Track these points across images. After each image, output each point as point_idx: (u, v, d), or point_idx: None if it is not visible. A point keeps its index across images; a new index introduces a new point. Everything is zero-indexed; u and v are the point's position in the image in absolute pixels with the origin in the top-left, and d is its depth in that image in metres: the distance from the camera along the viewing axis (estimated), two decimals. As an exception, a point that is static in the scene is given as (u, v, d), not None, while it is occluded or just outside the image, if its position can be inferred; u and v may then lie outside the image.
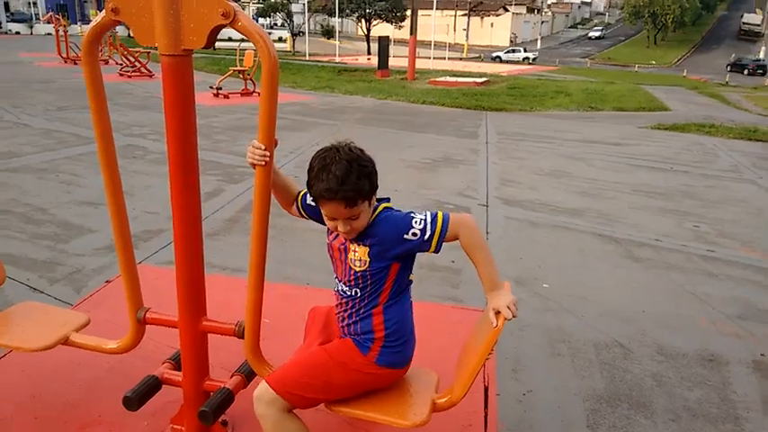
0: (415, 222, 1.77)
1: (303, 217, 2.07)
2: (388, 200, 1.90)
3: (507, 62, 47.01)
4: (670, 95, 20.34)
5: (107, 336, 2.39)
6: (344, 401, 1.91)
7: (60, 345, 2.33)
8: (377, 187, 1.81)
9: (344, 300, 1.93)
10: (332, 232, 1.93)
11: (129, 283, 2.23)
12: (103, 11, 1.85)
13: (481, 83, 20.52)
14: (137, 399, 2.16)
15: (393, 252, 1.80)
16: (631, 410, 2.62)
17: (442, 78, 21.19)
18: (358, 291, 1.88)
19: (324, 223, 1.91)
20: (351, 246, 1.85)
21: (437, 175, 6.99)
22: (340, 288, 1.94)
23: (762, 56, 56.85)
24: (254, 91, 13.44)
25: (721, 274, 4.33)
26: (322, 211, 1.82)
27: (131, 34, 1.98)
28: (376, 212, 1.85)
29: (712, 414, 2.63)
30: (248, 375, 2.28)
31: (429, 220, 1.77)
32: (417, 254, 1.84)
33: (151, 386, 2.22)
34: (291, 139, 8.63)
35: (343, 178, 1.70)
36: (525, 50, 52.84)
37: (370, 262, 1.82)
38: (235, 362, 2.35)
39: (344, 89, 16.66)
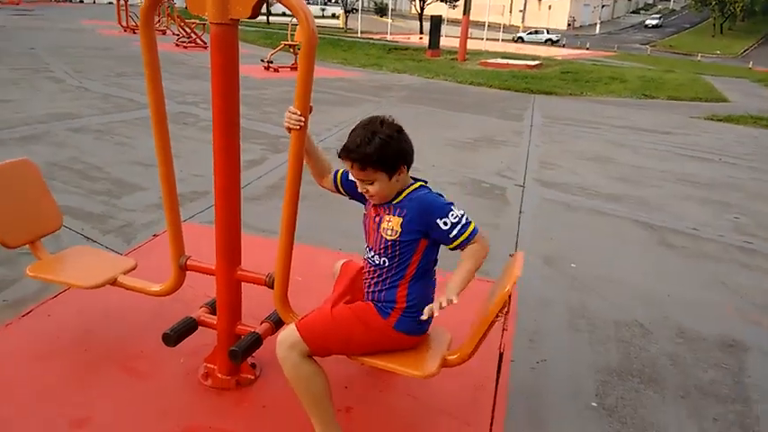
0: (452, 215, 1.90)
1: (339, 192, 2.23)
2: (425, 181, 2.04)
3: (529, 43, 45.55)
4: (731, 86, 19.56)
5: (151, 282, 2.61)
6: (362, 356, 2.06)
7: (109, 286, 2.57)
8: (401, 163, 1.93)
9: (373, 268, 2.06)
10: (368, 203, 2.08)
11: (173, 232, 2.43)
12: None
13: (533, 66, 20.19)
14: (175, 336, 2.37)
15: (423, 229, 1.94)
16: (642, 385, 2.70)
17: (494, 60, 20.94)
18: (386, 260, 2.00)
19: (359, 200, 2.09)
20: (386, 216, 1.99)
21: (477, 155, 7.04)
22: (370, 256, 2.07)
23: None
24: (303, 65, 13.63)
25: (756, 266, 4.29)
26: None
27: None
28: (411, 188, 1.99)
29: (723, 394, 2.68)
30: (276, 324, 2.46)
31: (463, 222, 1.91)
32: None
33: (188, 326, 2.43)
34: (336, 113, 8.80)
35: (360, 143, 1.87)
36: (548, 32, 50.97)
37: (401, 233, 1.95)
38: (264, 312, 2.52)
39: (393, 67, 16.71)
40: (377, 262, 2.04)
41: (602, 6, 78.11)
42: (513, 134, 8.54)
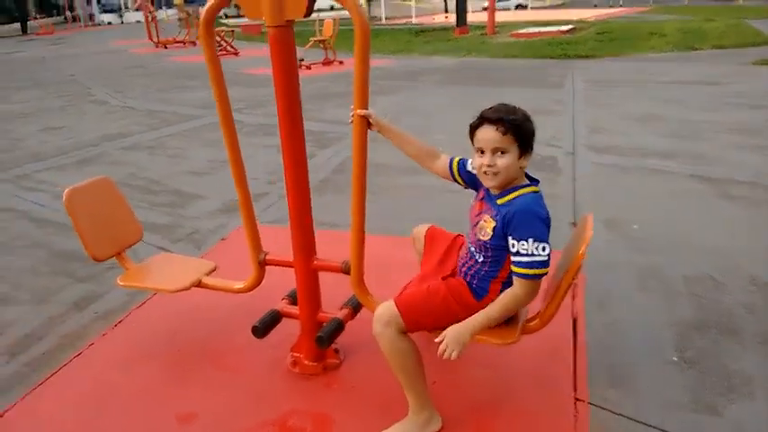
0: (527, 243, 1.85)
1: (455, 180, 2.25)
2: (537, 182, 2.01)
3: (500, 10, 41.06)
4: (780, 27, 18.67)
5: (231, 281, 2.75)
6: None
7: (194, 287, 2.73)
8: (532, 145, 1.95)
9: (470, 257, 2.10)
10: (477, 196, 2.12)
11: (250, 231, 2.55)
12: (215, -7, 2.14)
13: (566, 30, 19.72)
14: (262, 327, 2.51)
15: (508, 236, 1.92)
16: (720, 336, 2.69)
17: (524, 30, 20.54)
18: (481, 257, 2.04)
19: (474, 188, 2.14)
20: (485, 215, 2.01)
21: (521, 128, 7.00)
22: (469, 245, 2.12)
23: None
24: (334, 60, 13.75)
25: (824, 208, 4.17)
26: (475, 140, 1.97)
27: (240, 12, 2.24)
28: (521, 191, 1.95)
29: (806, 338, 2.65)
30: (355, 308, 2.57)
31: (530, 259, 1.85)
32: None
33: (273, 318, 2.56)
34: (376, 102, 8.87)
35: (511, 112, 1.92)
36: None
37: (492, 236, 1.96)
38: (342, 298, 2.63)
39: (423, 50, 16.65)
40: (474, 254, 2.08)
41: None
42: (555, 102, 8.44)
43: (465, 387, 2.44)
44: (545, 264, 1.87)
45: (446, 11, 40.55)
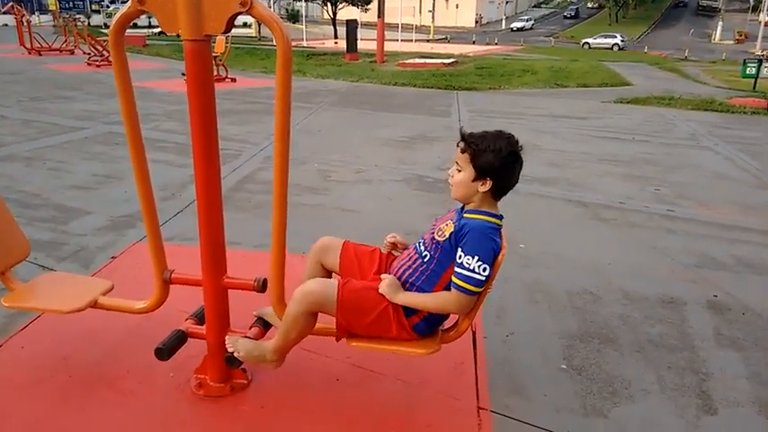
0: (472, 261, 2.00)
1: None
2: (501, 217, 2.14)
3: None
4: (632, 71, 20.94)
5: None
6: (365, 339, 2.21)
7: (89, 309, 2.56)
8: (489, 175, 2.05)
9: (417, 256, 2.19)
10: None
11: (155, 247, 2.45)
12: (129, 1, 2.08)
13: (449, 63, 20.82)
14: (167, 350, 2.41)
15: (458, 246, 2.05)
16: (601, 345, 2.98)
17: (411, 60, 21.41)
18: (428, 255, 2.14)
19: None
20: (447, 220, 2.14)
21: (414, 152, 7.28)
22: (418, 244, 2.22)
23: (718, 33, 58.20)
24: (225, 77, 13.50)
25: (679, 230, 4.74)
26: None
27: (155, 22, 2.18)
28: (486, 217, 2.08)
29: (672, 345, 3.00)
30: (265, 327, 2.55)
31: (471, 275, 2.00)
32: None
33: (178, 339, 2.47)
34: (271, 122, 8.77)
35: (480, 137, 2.06)
36: None
37: (447, 239, 2.08)
38: (245, 320, 2.59)
39: (316, 73, 16.79)
40: (422, 252, 2.17)
41: (506, 2, 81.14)
42: (444, 129, 8.86)
43: (376, 401, 2.49)
44: (481, 283, 2.02)
45: (335, 37, 41.21)
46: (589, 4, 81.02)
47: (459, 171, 2.10)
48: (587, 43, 50.63)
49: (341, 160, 6.51)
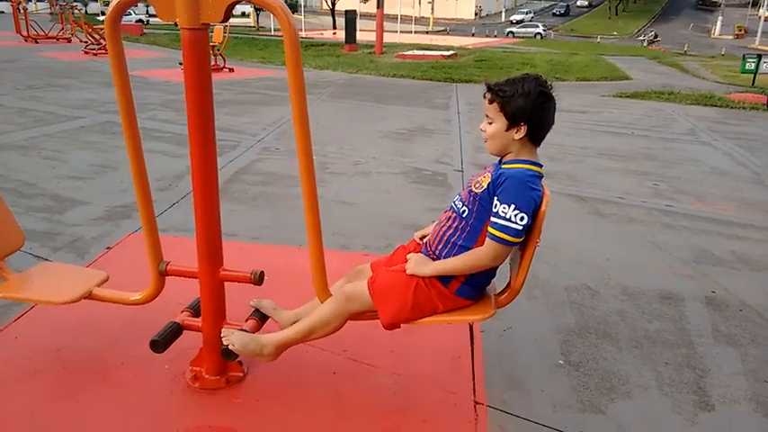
0: (508, 209, 1.94)
1: None
2: (540, 165, 2.08)
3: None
4: (631, 65, 20.90)
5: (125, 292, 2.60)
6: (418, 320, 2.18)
7: (84, 300, 2.54)
8: (521, 121, 1.99)
9: (453, 214, 2.14)
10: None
11: (150, 238, 2.43)
12: (125, -12, 2.04)
13: (448, 56, 20.72)
14: (162, 342, 2.39)
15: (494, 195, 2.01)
16: (599, 340, 2.96)
17: (410, 52, 21.31)
18: (466, 210, 2.09)
19: None
20: (485, 173, 2.10)
21: (413, 144, 7.26)
22: (454, 202, 2.17)
23: (718, 28, 58.16)
24: (223, 67, 13.42)
25: (678, 226, 4.73)
26: None
27: (153, 11, 2.13)
28: (524, 165, 2.03)
29: (669, 341, 2.99)
30: (261, 319, 2.53)
31: (507, 223, 1.94)
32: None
33: (174, 331, 2.45)
34: (269, 113, 8.76)
35: (505, 84, 2.00)
36: None
37: (484, 189, 2.03)
38: (243, 311, 2.57)
39: (314, 64, 16.70)
40: (459, 208, 2.12)
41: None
42: (442, 122, 8.82)
43: (372, 394, 2.48)
44: (518, 233, 1.96)
45: (334, 27, 40.99)
46: (579, 2, 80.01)
47: (491, 123, 2.05)
48: (512, 32, 51.63)
49: (339, 152, 6.48)
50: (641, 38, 48.14)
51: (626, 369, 2.73)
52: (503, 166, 2.07)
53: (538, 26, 53.00)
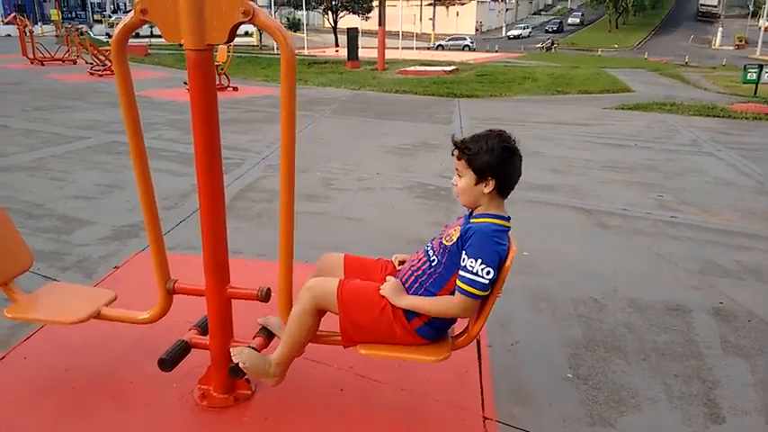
0: (475, 263, 1.99)
1: None
2: (508, 218, 2.13)
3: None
4: (633, 77, 20.96)
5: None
6: (374, 345, 2.19)
7: (92, 319, 2.55)
8: (489, 175, 2.04)
9: (425, 258, 2.20)
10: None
11: (158, 257, 2.44)
12: (131, 11, 2.08)
13: (450, 71, 20.84)
14: (171, 360, 2.39)
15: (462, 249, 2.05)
16: (607, 353, 2.95)
17: (412, 68, 21.45)
18: (436, 259, 2.15)
19: None
20: (455, 226, 2.15)
21: (416, 160, 7.28)
22: (427, 248, 2.23)
23: (718, 39, 58.39)
24: (228, 86, 13.53)
25: (683, 237, 4.72)
26: None
27: (157, 32, 2.18)
28: (491, 220, 2.09)
29: (678, 353, 2.98)
30: (268, 336, 2.54)
31: (474, 278, 1.99)
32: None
33: (182, 349, 2.46)
34: (273, 131, 8.80)
35: (470, 141, 2.06)
36: None
37: (454, 243, 2.09)
38: (250, 328, 2.58)
39: (317, 81, 16.81)
40: (430, 256, 2.18)
41: (507, 10, 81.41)
42: (445, 137, 8.80)
43: (379, 411, 2.48)
44: (485, 287, 2.01)
45: (336, 45, 41.36)
46: (570, 20, 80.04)
47: (461, 177, 2.11)
48: (441, 45, 51.67)
49: (343, 168, 6.52)
50: (539, 45, 48.52)
51: (635, 382, 2.71)
52: (471, 220, 2.13)
53: (466, 39, 53.56)
